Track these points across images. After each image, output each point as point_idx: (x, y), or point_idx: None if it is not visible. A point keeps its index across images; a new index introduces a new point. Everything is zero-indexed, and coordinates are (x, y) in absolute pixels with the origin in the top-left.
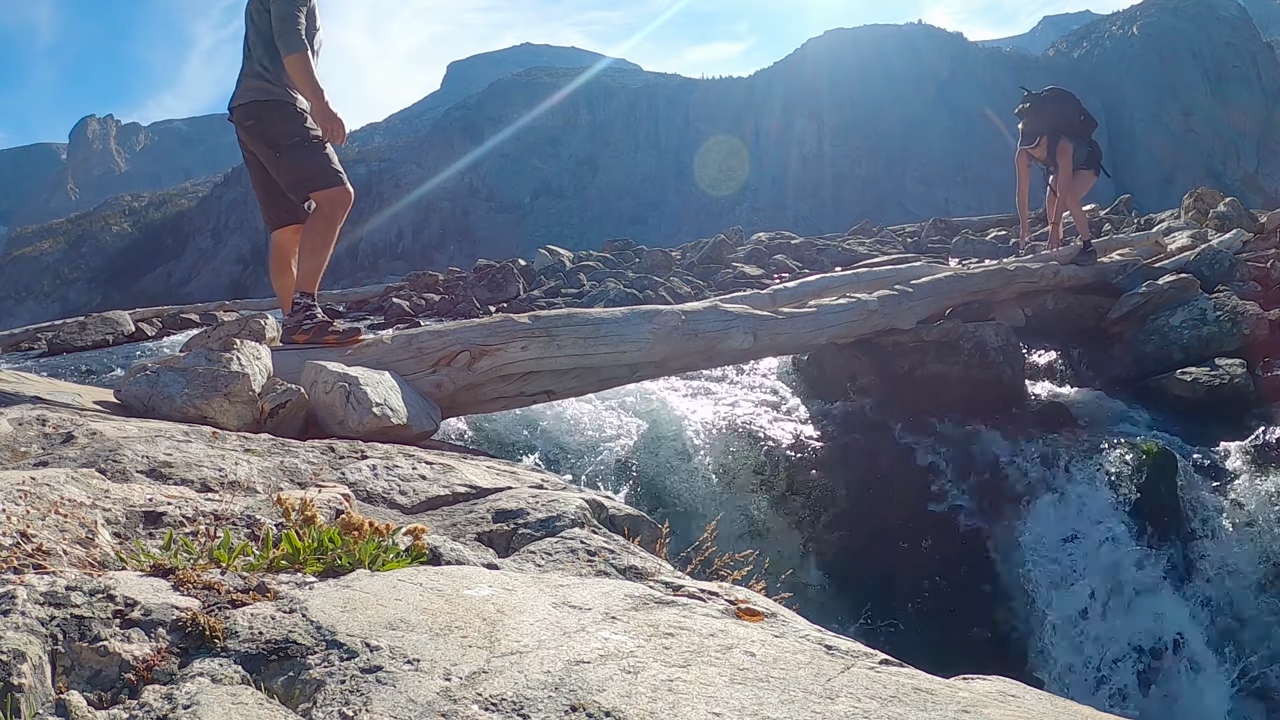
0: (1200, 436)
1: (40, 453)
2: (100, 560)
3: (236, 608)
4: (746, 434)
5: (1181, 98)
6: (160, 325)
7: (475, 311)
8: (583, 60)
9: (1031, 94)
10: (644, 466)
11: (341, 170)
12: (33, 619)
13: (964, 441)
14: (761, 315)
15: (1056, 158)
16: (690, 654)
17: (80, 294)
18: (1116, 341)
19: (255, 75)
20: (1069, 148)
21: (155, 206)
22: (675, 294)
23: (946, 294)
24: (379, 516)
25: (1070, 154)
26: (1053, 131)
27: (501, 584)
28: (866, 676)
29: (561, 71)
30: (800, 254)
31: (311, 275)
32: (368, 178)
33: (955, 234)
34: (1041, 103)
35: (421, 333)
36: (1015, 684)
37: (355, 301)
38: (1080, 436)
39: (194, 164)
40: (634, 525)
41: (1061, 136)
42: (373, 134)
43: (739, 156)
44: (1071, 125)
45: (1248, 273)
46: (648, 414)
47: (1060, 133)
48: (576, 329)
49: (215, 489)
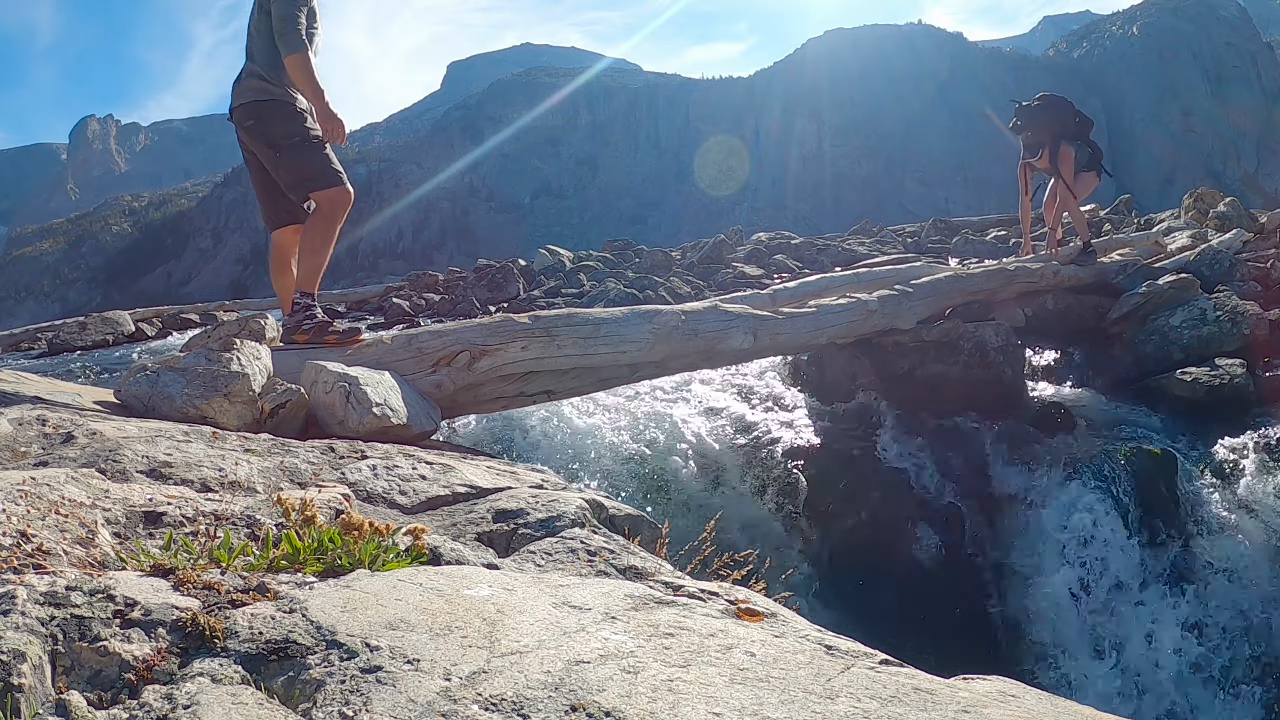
0: (1200, 436)
1: (40, 453)
2: (100, 560)
3: (236, 608)
4: (747, 434)
5: (1181, 98)
6: (160, 325)
7: (475, 311)
8: (583, 60)
9: (1022, 106)
10: (644, 466)
11: (341, 170)
12: (33, 619)
13: (964, 441)
14: (761, 315)
15: (1059, 166)
16: (690, 654)
17: (80, 294)
18: (1116, 341)
19: (255, 75)
20: (1070, 153)
21: (155, 206)
22: (675, 294)
23: (946, 294)
24: (379, 516)
25: (1072, 159)
26: (1053, 140)
27: (501, 584)
28: (866, 676)
29: (561, 71)
30: (800, 254)
31: (311, 275)
32: (368, 178)
33: (955, 234)
34: (1035, 113)
35: (421, 333)
36: (1015, 684)
37: (355, 301)
38: (1080, 436)
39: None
40: (634, 525)
41: (1062, 143)
42: (373, 134)
43: (739, 156)
44: (1069, 129)
45: (1248, 273)
46: (648, 414)
47: (1060, 139)
48: (576, 329)
49: (215, 489)
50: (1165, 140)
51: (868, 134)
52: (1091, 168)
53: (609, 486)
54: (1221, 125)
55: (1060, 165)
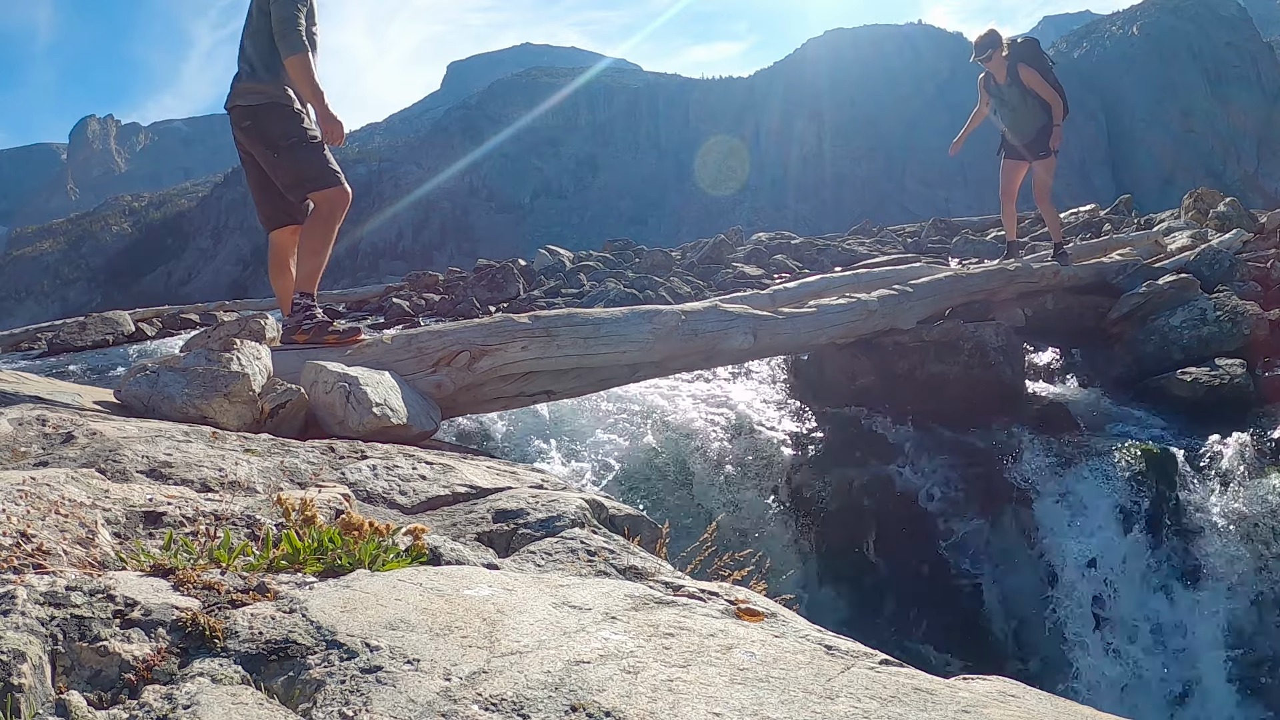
0: (1200, 436)
1: (40, 453)
2: (100, 560)
3: (236, 608)
4: (747, 434)
5: (1181, 98)
6: (160, 325)
7: (475, 311)
8: (583, 60)
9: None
10: (644, 467)
11: (339, 170)
12: (33, 619)
13: (964, 442)
14: (761, 315)
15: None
16: (690, 654)
17: (80, 294)
18: (1116, 341)
19: (253, 76)
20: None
21: (155, 206)
22: (675, 294)
23: (946, 294)
24: (379, 516)
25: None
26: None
27: (501, 584)
28: (866, 676)
29: (561, 72)
30: (800, 254)
31: (311, 275)
32: (368, 178)
33: (955, 234)
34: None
35: (421, 333)
36: (1015, 684)
37: (355, 301)
38: (1080, 437)
39: (194, 164)
40: (634, 525)
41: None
42: (373, 134)
43: (739, 156)
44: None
45: (1248, 273)
46: (648, 414)
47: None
48: (576, 329)
49: (215, 489)
50: (1165, 140)
51: (868, 134)
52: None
53: (608, 486)
54: (1221, 125)
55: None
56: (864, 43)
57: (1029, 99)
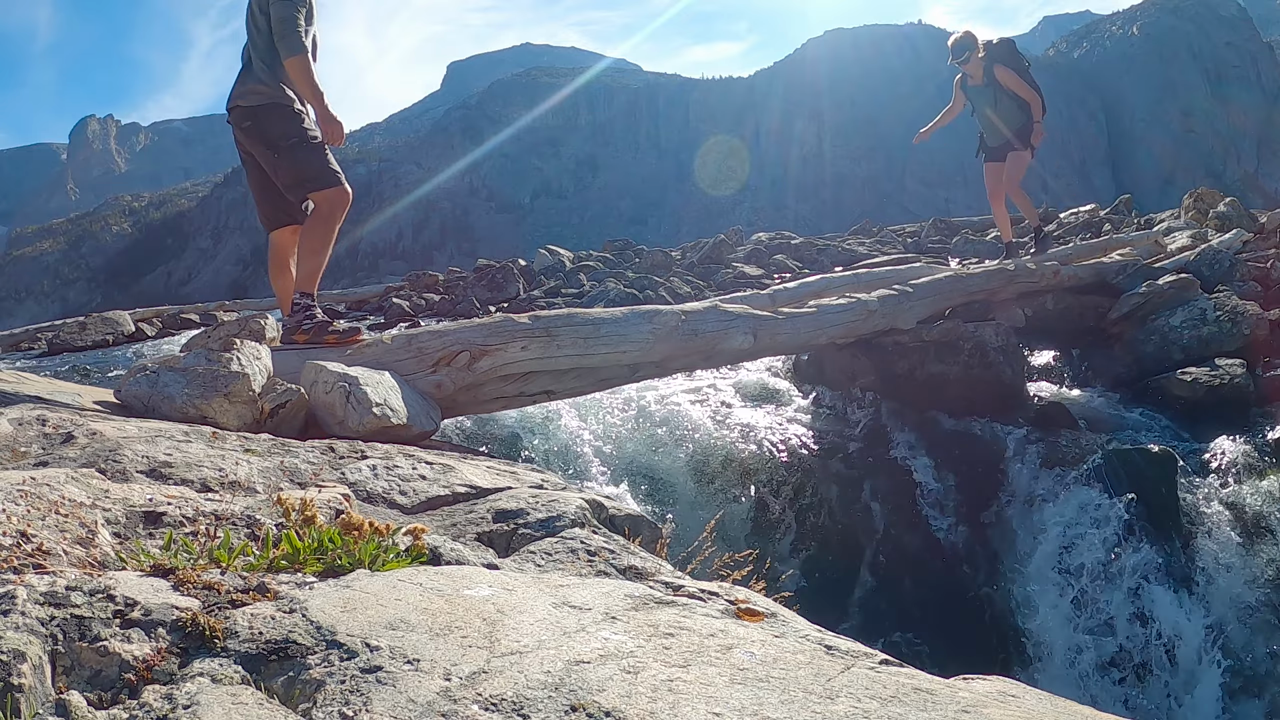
0: (1200, 436)
1: (40, 453)
2: (100, 560)
3: (236, 608)
4: (747, 434)
5: (1181, 98)
6: (160, 325)
7: (475, 311)
8: (583, 60)
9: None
10: (644, 466)
11: (339, 170)
12: (33, 619)
13: (963, 442)
14: (761, 315)
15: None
16: (690, 654)
17: (80, 294)
18: (1116, 342)
19: (253, 76)
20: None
21: (155, 206)
22: (675, 294)
23: (946, 294)
24: (379, 516)
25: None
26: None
27: (501, 584)
28: (866, 676)
29: (561, 72)
30: (800, 254)
31: (311, 275)
32: (368, 178)
33: (955, 234)
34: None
35: (421, 333)
36: (1015, 684)
37: (355, 301)
38: (1080, 437)
39: (194, 164)
40: (634, 525)
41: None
42: (372, 134)
43: (739, 156)
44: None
45: (1248, 273)
46: (647, 414)
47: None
48: (576, 329)
49: (215, 489)
50: (1165, 140)
51: (868, 134)
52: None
53: (609, 486)
54: (1221, 125)
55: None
56: (864, 43)
57: (1007, 99)
